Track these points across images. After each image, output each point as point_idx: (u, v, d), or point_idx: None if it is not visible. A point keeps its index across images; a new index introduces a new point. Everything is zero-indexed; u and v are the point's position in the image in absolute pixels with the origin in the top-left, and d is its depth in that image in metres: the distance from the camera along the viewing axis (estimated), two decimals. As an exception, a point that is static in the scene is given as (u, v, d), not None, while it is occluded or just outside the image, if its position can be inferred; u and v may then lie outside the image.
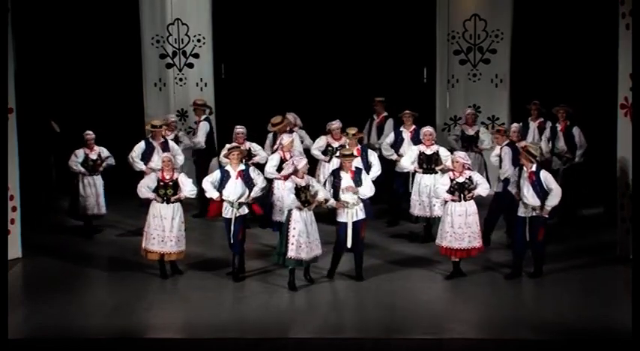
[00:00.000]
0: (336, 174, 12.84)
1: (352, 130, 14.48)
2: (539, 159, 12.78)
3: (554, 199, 12.46)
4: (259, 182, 12.89)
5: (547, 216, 12.57)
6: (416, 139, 14.97)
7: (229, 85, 17.66)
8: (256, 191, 12.86)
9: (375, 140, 16.25)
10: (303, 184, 12.51)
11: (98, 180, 14.93)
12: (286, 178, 13.03)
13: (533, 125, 15.97)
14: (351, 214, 12.68)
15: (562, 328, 11.06)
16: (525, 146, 12.98)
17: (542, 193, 12.48)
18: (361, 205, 12.78)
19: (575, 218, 15.17)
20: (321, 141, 15.38)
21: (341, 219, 12.71)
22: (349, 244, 12.68)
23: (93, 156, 14.87)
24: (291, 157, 13.83)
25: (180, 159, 14.83)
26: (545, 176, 12.55)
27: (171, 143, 15.06)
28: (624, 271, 12.67)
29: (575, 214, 15.17)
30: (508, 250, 13.50)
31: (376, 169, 14.18)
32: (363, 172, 13.06)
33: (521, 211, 12.60)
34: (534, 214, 12.49)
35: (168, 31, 17.45)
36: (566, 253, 13.86)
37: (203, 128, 16.26)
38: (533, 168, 12.55)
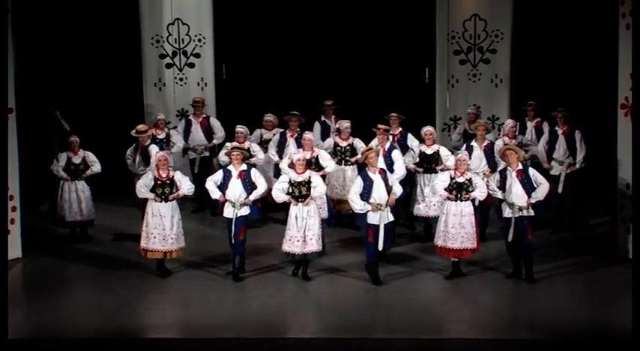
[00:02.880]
0: (365, 177, 12.63)
1: (382, 126, 14.16)
2: (522, 159, 12.82)
3: (542, 192, 12.49)
4: (260, 187, 12.84)
5: (532, 212, 12.55)
6: (402, 143, 14.90)
7: (230, 85, 17.66)
8: (255, 195, 12.84)
9: (321, 143, 15.65)
10: (299, 179, 12.58)
11: (80, 185, 14.49)
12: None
13: (530, 125, 15.94)
14: (384, 216, 12.55)
15: (562, 328, 11.06)
16: (508, 146, 13.11)
17: (532, 190, 12.52)
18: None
19: (576, 222, 15.12)
20: (329, 141, 15.27)
21: (373, 221, 12.50)
22: (381, 247, 12.51)
23: (76, 160, 14.49)
24: (312, 153, 13.94)
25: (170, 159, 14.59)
26: (534, 173, 12.64)
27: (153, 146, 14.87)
28: (624, 271, 12.67)
29: (576, 219, 15.12)
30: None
31: (397, 173, 13.83)
32: (388, 172, 12.91)
33: (508, 212, 12.61)
34: (521, 214, 12.50)
35: (168, 31, 17.44)
36: (566, 252, 13.86)
37: (218, 123, 16.36)
38: (520, 166, 12.61)
